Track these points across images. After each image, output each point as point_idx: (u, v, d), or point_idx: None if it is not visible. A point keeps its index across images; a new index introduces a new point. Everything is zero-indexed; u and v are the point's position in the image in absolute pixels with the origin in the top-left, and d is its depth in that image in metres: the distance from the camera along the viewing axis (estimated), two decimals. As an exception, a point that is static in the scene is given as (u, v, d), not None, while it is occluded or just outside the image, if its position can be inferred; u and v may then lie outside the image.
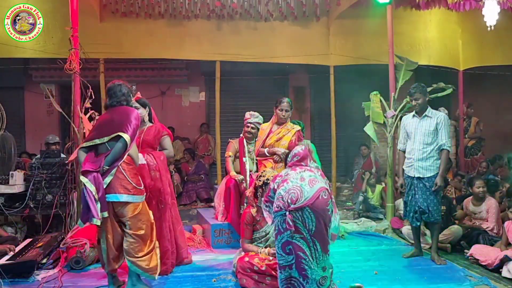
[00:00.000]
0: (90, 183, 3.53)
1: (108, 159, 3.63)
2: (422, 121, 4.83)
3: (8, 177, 5.25)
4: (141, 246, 3.67)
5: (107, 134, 3.71)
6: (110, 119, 3.83)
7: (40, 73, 8.83)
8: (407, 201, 4.96)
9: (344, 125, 8.80)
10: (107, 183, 3.59)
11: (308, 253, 3.24)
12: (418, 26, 8.35)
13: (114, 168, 3.63)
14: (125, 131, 3.68)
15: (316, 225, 3.24)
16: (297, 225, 3.23)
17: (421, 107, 4.85)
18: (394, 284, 4.08)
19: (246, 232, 4.25)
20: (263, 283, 3.82)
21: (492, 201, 5.47)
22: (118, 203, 3.64)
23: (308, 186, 3.28)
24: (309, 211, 3.22)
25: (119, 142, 3.66)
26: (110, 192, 3.60)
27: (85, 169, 3.59)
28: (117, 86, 3.95)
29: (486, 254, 4.56)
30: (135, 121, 3.78)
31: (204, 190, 8.38)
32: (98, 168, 3.60)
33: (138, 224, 3.68)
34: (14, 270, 4.19)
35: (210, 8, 7.58)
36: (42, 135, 9.04)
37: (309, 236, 3.24)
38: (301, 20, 8.01)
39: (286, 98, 5.14)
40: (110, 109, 3.92)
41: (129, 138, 3.68)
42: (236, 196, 5.35)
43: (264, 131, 5.15)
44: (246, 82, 8.98)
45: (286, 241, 3.26)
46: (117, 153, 3.66)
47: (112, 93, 3.92)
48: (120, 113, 3.83)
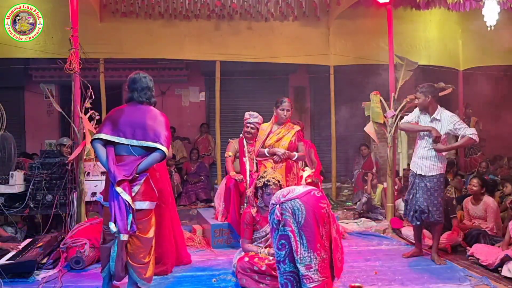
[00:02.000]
0: (125, 193, 3.35)
1: (142, 168, 3.46)
2: (432, 123, 4.77)
3: (8, 177, 5.25)
4: (147, 251, 3.56)
5: (137, 137, 3.50)
6: (140, 120, 3.55)
7: (40, 73, 8.83)
8: (408, 199, 4.94)
9: (344, 125, 8.80)
10: (135, 191, 3.44)
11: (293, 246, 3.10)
12: (418, 26, 8.36)
13: (144, 177, 3.49)
14: (163, 143, 3.50)
15: (305, 218, 3.11)
16: (286, 217, 3.12)
17: (423, 106, 4.81)
18: (394, 284, 4.08)
19: (246, 232, 4.25)
20: (263, 283, 3.82)
21: (490, 201, 5.47)
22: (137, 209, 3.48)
23: (302, 187, 3.30)
24: (299, 203, 3.14)
25: (157, 154, 3.49)
26: (134, 200, 3.44)
27: (120, 179, 3.36)
28: (143, 78, 3.67)
29: (487, 254, 4.56)
30: (169, 132, 3.61)
31: (204, 191, 8.38)
32: (130, 177, 3.41)
33: (148, 228, 3.57)
34: (14, 270, 4.18)
35: (210, 8, 7.58)
36: (42, 135, 9.09)
37: (297, 228, 3.11)
38: (301, 20, 8.02)
39: (287, 98, 5.14)
40: (137, 105, 3.64)
41: (167, 151, 3.53)
42: (236, 196, 5.35)
43: (264, 131, 5.15)
44: (246, 82, 8.98)
45: (279, 235, 3.21)
46: (152, 163, 3.52)
47: (138, 87, 3.64)
48: (153, 118, 3.58)
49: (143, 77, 3.67)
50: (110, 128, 3.54)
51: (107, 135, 3.51)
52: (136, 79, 3.66)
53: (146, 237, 3.54)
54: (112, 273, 3.57)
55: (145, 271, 3.55)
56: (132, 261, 3.51)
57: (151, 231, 3.59)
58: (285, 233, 3.13)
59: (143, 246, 3.53)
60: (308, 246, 3.10)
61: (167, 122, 3.65)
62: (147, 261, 3.55)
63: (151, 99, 3.69)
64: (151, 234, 3.59)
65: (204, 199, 8.28)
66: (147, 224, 3.56)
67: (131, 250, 3.51)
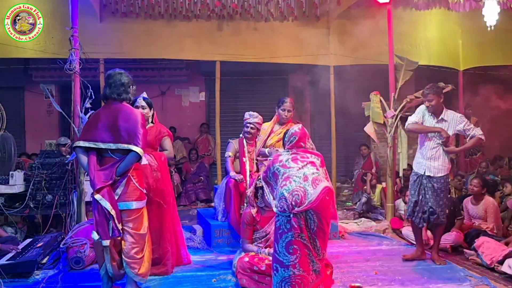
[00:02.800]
0: (105, 200, 3.38)
1: (120, 170, 3.46)
2: (439, 124, 4.71)
3: (8, 177, 5.25)
4: (140, 247, 3.59)
5: (113, 140, 3.50)
6: (113, 122, 3.54)
7: (40, 73, 8.84)
8: (417, 200, 4.78)
9: (344, 125, 8.80)
10: (118, 194, 3.47)
11: (311, 249, 3.36)
12: (418, 26, 8.35)
13: (125, 179, 3.50)
14: (137, 144, 3.47)
15: (318, 225, 3.34)
16: (301, 225, 3.31)
17: (435, 108, 4.72)
18: (394, 284, 4.08)
19: (246, 232, 4.25)
20: (263, 283, 3.81)
21: (490, 201, 5.47)
22: (126, 210, 3.53)
23: (312, 187, 3.32)
24: (312, 213, 3.32)
25: (132, 157, 3.48)
26: (119, 200, 3.48)
27: (99, 187, 3.39)
28: (117, 75, 3.66)
29: (493, 249, 4.51)
30: (144, 129, 3.57)
31: (203, 191, 8.38)
32: (110, 181, 3.43)
33: (140, 224, 3.60)
34: (14, 270, 4.19)
35: (210, 8, 7.58)
36: (42, 135, 9.09)
37: (310, 234, 3.35)
38: (301, 20, 8.01)
39: (288, 98, 5.15)
40: (111, 105, 3.64)
41: (142, 151, 3.50)
42: (236, 196, 5.35)
43: (265, 131, 5.15)
44: (246, 82, 8.98)
45: (290, 240, 3.30)
46: (129, 165, 3.50)
47: (112, 83, 3.63)
48: (126, 118, 3.56)
49: (118, 73, 3.67)
50: (88, 134, 3.57)
51: (85, 142, 3.53)
52: (111, 75, 3.67)
53: (139, 233, 3.58)
54: (111, 275, 3.61)
55: (139, 266, 3.59)
56: (126, 257, 3.56)
57: (144, 227, 3.63)
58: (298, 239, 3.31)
59: (136, 242, 3.57)
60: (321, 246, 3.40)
61: (141, 119, 3.60)
62: (140, 257, 3.59)
63: (122, 95, 3.63)
64: (144, 230, 3.63)
65: (204, 199, 8.28)
66: (138, 221, 3.59)
67: (124, 246, 3.55)
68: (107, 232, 3.41)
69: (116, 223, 3.41)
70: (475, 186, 5.42)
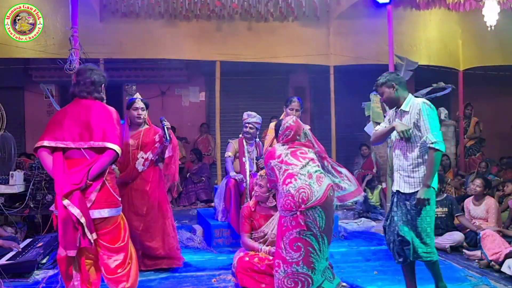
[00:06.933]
0: (73, 206, 2.93)
1: (94, 173, 3.02)
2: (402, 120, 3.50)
3: (8, 177, 5.25)
4: (122, 260, 3.14)
5: (84, 139, 3.08)
6: (84, 118, 3.12)
7: (40, 73, 8.83)
8: (385, 226, 3.68)
9: (344, 125, 8.80)
10: (92, 200, 3.01)
11: (316, 248, 3.32)
12: (418, 26, 8.35)
13: (99, 184, 3.04)
14: (113, 142, 3.07)
15: (326, 222, 3.33)
16: (308, 223, 3.29)
17: (390, 102, 3.60)
18: (394, 284, 4.07)
19: (245, 226, 4.17)
20: (263, 283, 3.80)
21: (492, 201, 5.46)
22: (99, 219, 3.07)
23: (317, 184, 3.35)
24: (320, 210, 3.30)
25: (108, 156, 3.06)
26: (92, 208, 3.02)
27: (68, 191, 2.94)
28: (87, 71, 3.24)
29: (496, 244, 4.47)
30: (119, 126, 3.19)
31: (204, 191, 8.38)
32: (80, 185, 2.97)
33: (117, 237, 3.15)
34: (14, 270, 4.18)
35: (210, 8, 7.58)
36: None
37: (319, 232, 3.33)
38: (301, 20, 8.01)
39: (296, 97, 5.18)
40: (80, 103, 3.19)
41: (120, 149, 3.10)
42: (236, 196, 5.35)
43: (273, 130, 5.14)
44: (246, 82, 8.98)
45: (294, 237, 3.29)
46: (105, 166, 3.07)
47: (80, 80, 3.21)
48: (98, 114, 3.15)
49: (89, 69, 3.27)
50: (54, 133, 3.10)
51: (50, 142, 3.07)
52: (81, 71, 3.28)
53: (116, 247, 3.13)
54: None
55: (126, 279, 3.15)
56: (108, 274, 3.12)
57: (123, 238, 3.17)
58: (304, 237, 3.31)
59: (115, 256, 3.13)
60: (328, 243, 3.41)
61: (116, 116, 3.21)
62: (124, 271, 3.14)
63: (93, 94, 3.21)
64: (123, 242, 3.17)
65: (204, 199, 8.28)
66: (115, 233, 3.15)
67: (105, 262, 3.12)
68: (74, 242, 2.94)
69: (86, 231, 2.95)
70: (478, 186, 5.40)
